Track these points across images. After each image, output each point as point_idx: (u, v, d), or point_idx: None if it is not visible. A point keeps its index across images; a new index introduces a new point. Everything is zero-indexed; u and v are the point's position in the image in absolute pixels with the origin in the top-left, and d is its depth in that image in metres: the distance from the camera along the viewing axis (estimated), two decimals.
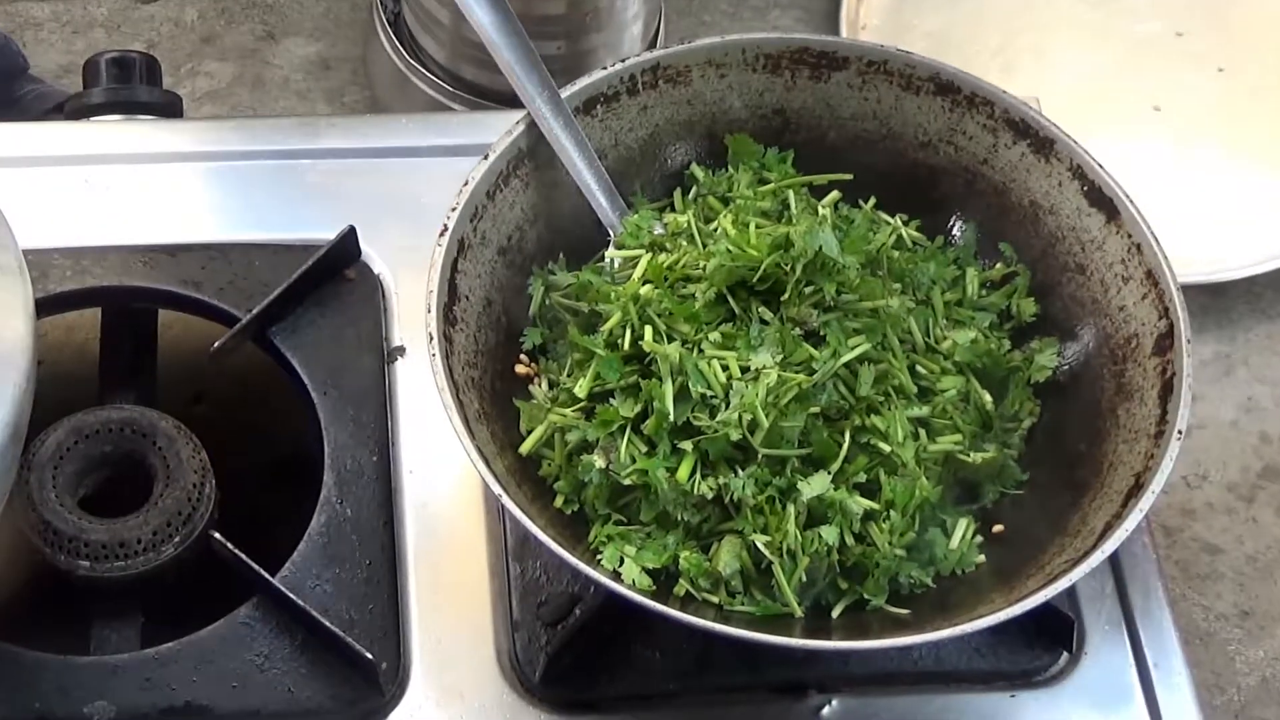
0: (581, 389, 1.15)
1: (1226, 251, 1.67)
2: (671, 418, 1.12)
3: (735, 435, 1.11)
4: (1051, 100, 1.35)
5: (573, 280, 1.22)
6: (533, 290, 1.23)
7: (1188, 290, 1.26)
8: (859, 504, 1.12)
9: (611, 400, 1.15)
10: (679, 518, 1.12)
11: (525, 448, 1.16)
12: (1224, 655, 1.46)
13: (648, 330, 1.15)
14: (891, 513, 1.13)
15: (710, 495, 1.12)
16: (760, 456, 1.12)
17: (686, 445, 1.12)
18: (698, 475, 1.12)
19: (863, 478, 1.14)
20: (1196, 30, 1.84)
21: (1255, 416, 1.61)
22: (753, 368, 1.12)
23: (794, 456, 1.12)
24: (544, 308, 1.23)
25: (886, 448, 1.14)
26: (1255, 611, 1.49)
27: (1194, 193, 1.71)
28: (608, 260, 1.23)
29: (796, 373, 1.12)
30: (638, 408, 1.13)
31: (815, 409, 1.12)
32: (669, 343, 1.14)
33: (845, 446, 1.13)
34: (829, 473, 1.12)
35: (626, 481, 1.12)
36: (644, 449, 1.13)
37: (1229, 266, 1.66)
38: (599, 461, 1.13)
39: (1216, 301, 1.66)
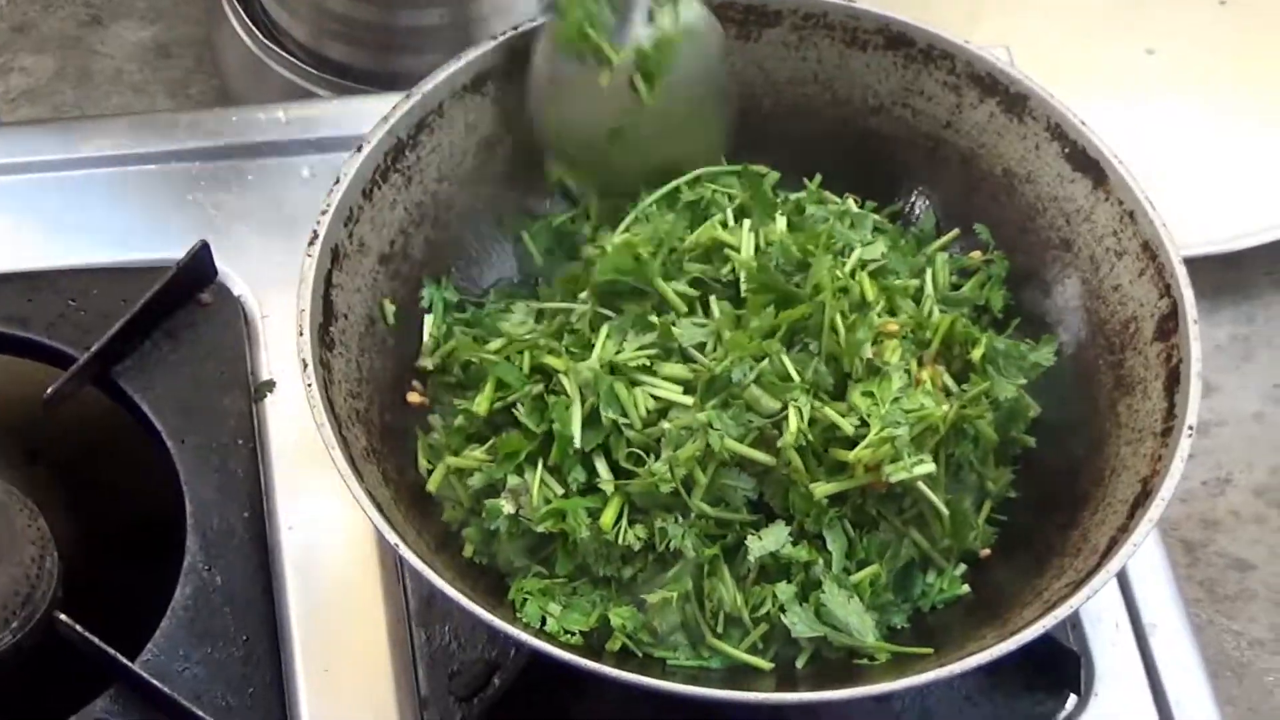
0: (481, 404, 1.18)
1: (1238, 216, 1.69)
2: (578, 442, 1.14)
3: (667, 488, 1.13)
4: (1026, 48, 1.39)
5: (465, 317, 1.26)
6: (429, 302, 1.25)
7: (1196, 264, 1.28)
8: (833, 592, 1.13)
9: (517, 410, 1.17)
10: (600, 572, 1.14)
11: (432, 485, 1.18)
12: (1261, 687, 1.48)
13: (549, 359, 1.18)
14: (870, 575, 1.15)
15: (638, 546, 1.14)
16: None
17: (607, 485, 1.14)
18: (624, 522, 1.14)
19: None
20: None
21: None
22: (693, 412, 1.14)
23: (740, 521, 1.14)
24: (444, 324, 1.25)
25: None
26: None
27: (1196, 148, 1.74)
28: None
29: (747, 416, 1.13)
30: (544, 426, 1.16)
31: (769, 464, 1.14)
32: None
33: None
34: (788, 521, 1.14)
35: (540, 529, 1.14)
36: (560, 490, 1.15)
37: (1242, 233, 1.68)
38: (507, 507, 1.15)
39: (1230, 275, 1.68)
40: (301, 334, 1.13)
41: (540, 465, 1.15)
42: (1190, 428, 1.14)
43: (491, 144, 1.27)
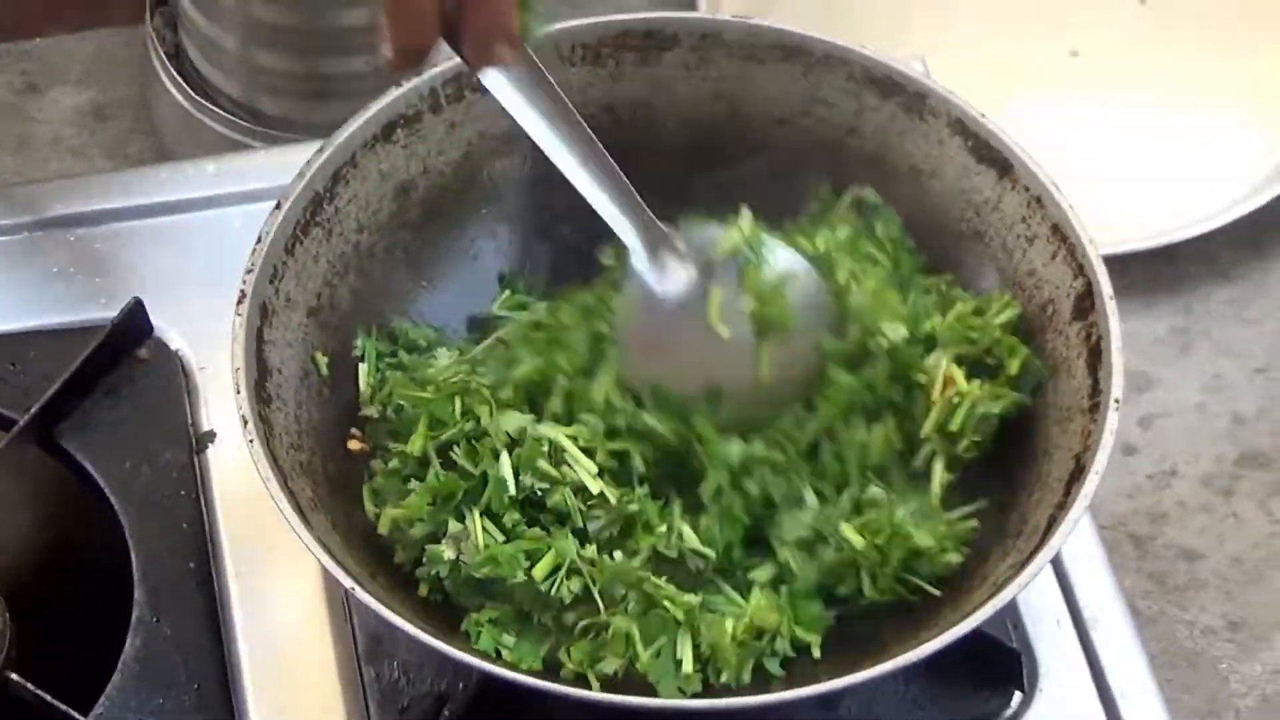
0: (415, 444, 1.19)
1: (1171, 210, 1.70)
2: (511, 489, 1.16)
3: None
4: (952, 57, 1.40)
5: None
6: (362, 351, 1.27)
7: (1131, 259, 1.29)
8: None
9: (454, 451, 1.18)
10: (538, 619, 1.16)
11: (383, 527, 1.19)
12: (1216, 675, 1.49)
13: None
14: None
15: (568, 598, 1.15)
16: None
17: (533, 543, 1.15)
18: (560, 573, 1.15)
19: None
20: None
21: (1224, 397, 1.65)
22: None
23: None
24: (377, 371, 1.27)
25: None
26: (1246, 621, 1.52)
27: (1124, 146, 1.76)
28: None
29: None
30: (481, 467, 1.17)
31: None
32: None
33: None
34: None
35: (479, 574, 1.15)
36: (501, 536, 1.16)
37: (1175, 226, 1.69)
38: (448, 553, 1.16)
39: (1167, 269, 1.68)
40: (239, 391, 1.14)
41: (478, 509, 1.16)
42: (1117, 400, 1.15)
43: (405, 189, 1.28)
